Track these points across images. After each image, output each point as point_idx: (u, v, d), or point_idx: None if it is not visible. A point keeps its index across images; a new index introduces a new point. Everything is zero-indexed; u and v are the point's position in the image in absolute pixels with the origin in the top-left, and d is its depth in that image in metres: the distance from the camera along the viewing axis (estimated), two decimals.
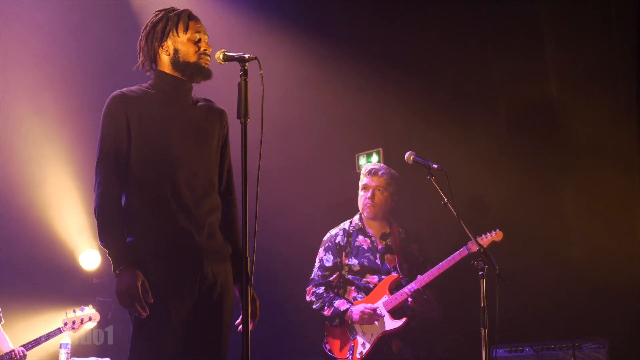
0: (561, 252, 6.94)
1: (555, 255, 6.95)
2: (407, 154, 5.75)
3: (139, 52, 4.30)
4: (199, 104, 4.29)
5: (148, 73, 4.30)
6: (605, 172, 6.75)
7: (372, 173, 6.56)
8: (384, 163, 7.46)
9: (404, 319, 6.25)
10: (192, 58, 4.19)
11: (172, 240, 4.04)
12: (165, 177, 4.06)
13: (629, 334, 6.39)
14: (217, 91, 4.63)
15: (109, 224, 4.04)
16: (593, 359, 6.03)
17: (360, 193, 6.61)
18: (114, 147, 4.09)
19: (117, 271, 3.96)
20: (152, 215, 4.06)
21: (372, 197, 6.53)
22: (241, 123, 3.72)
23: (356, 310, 6.30)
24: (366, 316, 6.26)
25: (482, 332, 4.99)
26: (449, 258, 6.13)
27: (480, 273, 5.10)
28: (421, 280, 6.21)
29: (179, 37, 4.19)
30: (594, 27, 6.94)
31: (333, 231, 6.70)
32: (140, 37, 4.30)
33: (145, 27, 4.28)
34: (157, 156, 4.10)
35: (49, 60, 7.99)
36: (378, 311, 6.27)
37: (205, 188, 4.16)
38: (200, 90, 4.33)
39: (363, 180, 6.59)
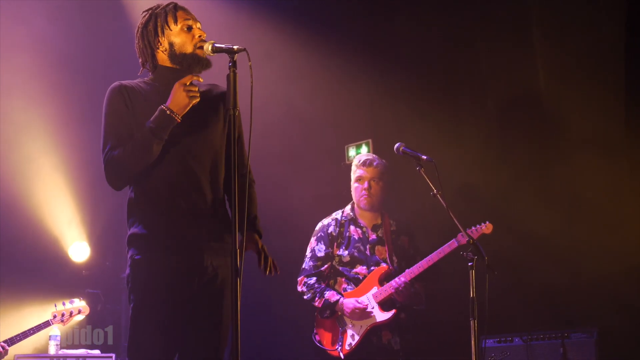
0: (550, 242, 6.95)
1: (544, 246, 6.96)
2: (396, 145, 5.72)
3: (139, 55, 4.28)
4: (200, 89, 4.22)
5: (149, 72, 4.28)
6: (594, 162, 6.76)
7: (366, 164, 6.54)
8: (374, 154, 7.46)
9: (393, 311, 6.27)
10: (189, 48, 4.15)
11: (173, 231, 4.03)
12: (167, 167, 4.04)
13: (617, 324, 6.40)
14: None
15: (127, 144, 4.01)
16: (582, 348, 6.05)
17: (355, 185, 6.59)
18: (119, 131, 4.06)
19: (167, 111, 3.97)
20: (153, 206, 4.05)
21: (369, 187, 6.52)
22: (230, 115, 3.71)
23: (347, 304, 6.31)
24: (357, 313, 6.28)
25: (472, 322, 4.99)
26: (438, 250, 6.14)
27: (469, 264, 5.10)
28: (410, 272, 6.22)
29: (170, 30, 4.16)
30: (583, 17, 6.94)
31: (325, 221, 6.69)
32: (136, 40, 4.28)
33: (137, 30, 4.26)
34: None
35: (40, 57, 7.98)
36: (369, 308, 6.29)
37: (209, 177, 4.13)
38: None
39: (357, 172, 6.57)
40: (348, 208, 6.68)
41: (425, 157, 5.52)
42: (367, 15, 8.09)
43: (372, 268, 6.43)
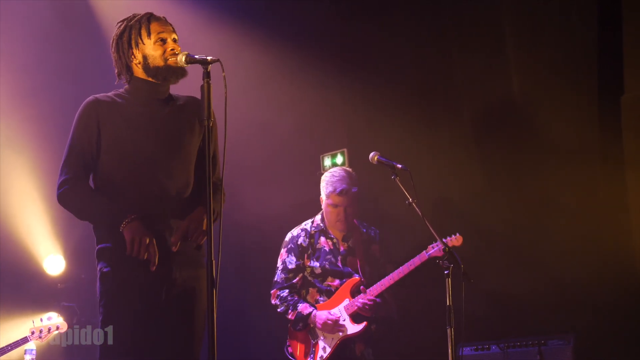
0: (526, 249, 6.96)
1: (520, 253, 6.97)
2: (371, 155, 5.73)
3: (114, 66, 4.28)
4: (177, 102, 4.25)
5: (125, 83, 4.27)
6: (568, 168, 6.78)
7: (343, 193, 6.43)
8: (349, 163, 7.47)
9: (364, 323, 6.27)
10: (161, 61, 4.14)
11: None
12: (137, 181, 4.05)
13: (594, 330, 6.42)
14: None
15: (84, 198, 4.05)
16: (559, 355, 6.06)
17: (329, 209, 6.53)
18: (81, 150, 4.09)
19: (124, 224, 3.93)
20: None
21: (345, 214, 6.49)
22: (205, 125, 3.70)
23: (320, 316, 6.30)
24: (329, 325, 6.27)
25: (448, 330, 5.00)
26: (408, 263, 6.13)
27: (445, 272, 5.11)
28: (381, 285, 6.21)
29: (144, 43, 4.16)
30: (555, 24, 6.98)
31: (294, 232, 6.67)
32: (111, 50, 4.27)
33: (112, 41, 4.25)
34: (130, 161, 4.08)
35: (12, 67, 7.90)
36: (340, 320, 6.28)
37: (180, 190, 4.13)
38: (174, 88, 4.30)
39: (334, 199, 6.47)
40: (318, 218, 6.65)
41: (400, 166, 5.54)
42: (341, 24, 8.10)
43: (344, 280, 6.42)
